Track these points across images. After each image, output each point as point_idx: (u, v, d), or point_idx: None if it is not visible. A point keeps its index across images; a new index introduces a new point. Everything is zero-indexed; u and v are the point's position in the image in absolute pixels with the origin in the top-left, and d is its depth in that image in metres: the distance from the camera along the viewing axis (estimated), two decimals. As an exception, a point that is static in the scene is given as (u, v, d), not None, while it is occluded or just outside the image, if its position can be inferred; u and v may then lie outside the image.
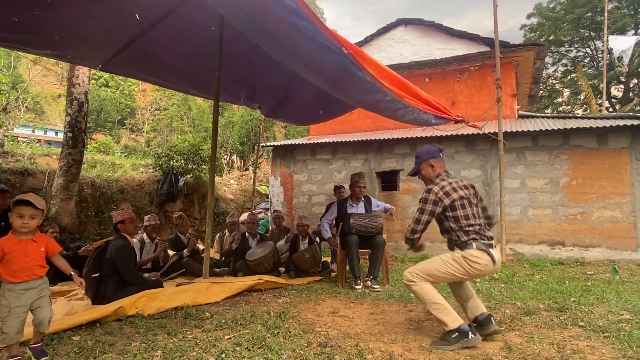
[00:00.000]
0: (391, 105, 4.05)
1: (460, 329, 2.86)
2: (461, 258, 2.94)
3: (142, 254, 5.46)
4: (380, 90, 3.66)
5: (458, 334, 2.84)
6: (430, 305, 2.97)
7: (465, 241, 2.97)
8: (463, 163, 8.57)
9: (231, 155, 20.51)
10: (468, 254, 2.92)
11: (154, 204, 9.63)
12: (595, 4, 24.14)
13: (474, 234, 2.98)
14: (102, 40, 4.74)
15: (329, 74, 3.80)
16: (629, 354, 2.64)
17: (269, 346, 2.82)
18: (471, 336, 2.85)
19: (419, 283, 3.00)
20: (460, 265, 2.94)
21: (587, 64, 27.72)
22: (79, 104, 7.20)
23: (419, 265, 3.10)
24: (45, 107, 41.89)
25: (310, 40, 3.12)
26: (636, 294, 4.42)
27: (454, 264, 2.95)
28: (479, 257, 2.92)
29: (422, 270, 3.03)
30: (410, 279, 3.03)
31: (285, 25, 3.05)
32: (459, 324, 2.87)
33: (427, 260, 3.15)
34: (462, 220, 3.01)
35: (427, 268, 3.03)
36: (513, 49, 9.53)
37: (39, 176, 7.62)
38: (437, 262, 3.02)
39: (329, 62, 3.42)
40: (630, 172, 7.38)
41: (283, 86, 5.87)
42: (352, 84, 3.72)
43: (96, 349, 2.82)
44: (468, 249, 2.94)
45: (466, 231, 2.99)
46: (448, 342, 2.85)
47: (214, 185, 5.63)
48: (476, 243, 2.94)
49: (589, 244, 7.51)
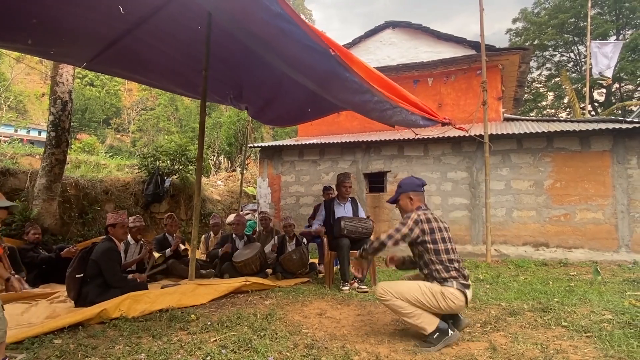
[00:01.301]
0: (379, 105, 4.07)
1: (440, 329, 2.89)
2: (439, 293, 2.91)
3: (127, 255, 5.37)
4: (368, 90, 3.67)
5: (439, 334, 2.88)
6: (405, 316, 2.97)
7: (445, 278, 2.95)
8: (449, 165, 8.65)
9: (218, 156, 20.40)
10: (448, 292, 2.91)
11: (139, 204, 9.51)
12: (578, 9, 24.65)
13: (454, 271, 2.98)
14: (87, 36, 4.65)
15: (316, 75, 3.81)
16: (610, 354, 2.69)
17: (255, 348, 2.80)
18: (451, 333, 2.89)
19: (390, 299, 2.99)
20: (436, 300, 2.91)
21: (570, 68, 28.27)
22: (62, 103, 7.08)
23: (394, 285, 3.06)
24: (29, 106, 41.18)
25: (296, 42, 3.13)
26: (617, 295, 4.50)
27: (431, 297, 2.92)
28: (457, 297, 2.92)
29: (396, 292, 2.99)
30: (383, 295, 3.02)
31: (271, 29, 3.05)
32: (437, 324, 2.90)
33: (403, 283, 3.11)
34: (442, 254, 2.99)
35: (401, 291, 2.99)
36: (499, 52, 9.66)
37: (21, 176, 7.46)
38: (414, 289, 2.97)
39: (316, 63, 3.42)
40: (612, 175, 7.53)
41: (271, 86, 5.86)
42: (340, 84, 3.73)
43: (78, 353, 2.76)
44: (448, 286, 2.93)
45: (446, 267, 2.98)
46: (431, 344, 2.87)
47: (201, 186, 5.58)
48: (456, 282, 2.94)
49: (572, 245, 7.64)
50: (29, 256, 5.27)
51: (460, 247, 8.31)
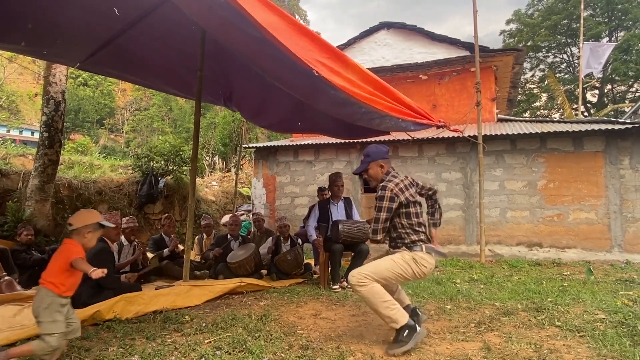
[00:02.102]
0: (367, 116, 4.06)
1: (408, 325, 2.86)
2: (411, 260, 2.95)
3: (120, 257, 5.34)
4: (355, 103, 3.64)
5: (408, 331, 2.84)
6: (381, 304, 2.89)
7: (414, 241, 2.99)
8: (444, 166, 8.68)
9: (213, 156, 20.35)
10: (418, 257, 2.95)
11: (133, 205, 9.46)
12: (571, 11, 24.85)
13: (422, 234, 3.03)
14: (80, 36, 4.61)
15: (301, 91, 3.83)
16: (603, 353, 2.71)
17: (250, 349, 2.79)
18: (419, 329, 2.88)
19: (368, 284, 2.91)
20: (410, 267, 2.95)
21: (563, 70, 28.49)
22: (55, 103, 7.03)
23: (369, 267, 3.02)
24: (21, 106, 40.85)
25: (279, 62, 3.10)
26: (610, 294, 4.54)
27: (405, 265, 2.95)
28: (427, 260, 2.96)
29: (374, 272, 2.94)
30: (360, 281, 2.92)
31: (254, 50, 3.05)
32: (407, 319, 2.88)
33: (376, 262, 3.07)
34: (413, 217, 3.03)
35: (378, 270, 2.96)
36: (493, 53, 9.71)
37: (14, 177, 7.40)
38: (388, 263, 2.98)
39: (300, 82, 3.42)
40: (604, 175, 7.59)
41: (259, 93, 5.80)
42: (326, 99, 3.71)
43: (72, 355, 2.75)
44: (417, 250, 2.97)
45: (416, 230, 3.02)
46: (403, 342, 2.82)
47: (195, 186, 5.56)
48: (425, 245, 2.99)
49: (565, 245, 7.69)
50: (21, 258, 5.22)
51: (455, 247, 8.34)
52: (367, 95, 3.56)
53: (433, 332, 3.24)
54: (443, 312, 3.86)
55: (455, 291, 4.76)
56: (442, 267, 6.81)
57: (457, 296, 4.50)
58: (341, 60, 3.36)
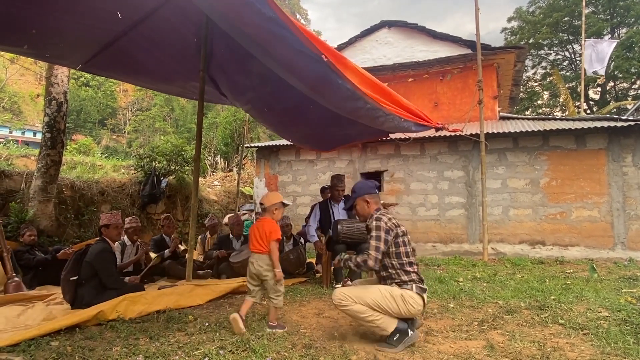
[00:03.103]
0: (371, 112, 4.05)
1: (399, 329, 2.86)
2: (399, 297, 2.88)
3: (123, 256, 5.36)
4: (361, 97, 3.65)
5: (399, 335, 2.86)
6: (364, 319, 2.90)
7: (405, 281, 2.93)
8: (446, 164, 8.67)
9: (215, 156, 20.35)
10: (408, 295, 2.89)
11: (135, 205, 9.47)
12: (572, 8, 24.76)
13: (414, 274, 2.96)
14: (82, 39, 4.63)
15: (308, 80, 3.81)
16: (607, 351, 2.71)
17: (253, 349, 2.79)
18: (410, 333, 2.88)
19: (349, 305, 2.90)
20: (396, 304, 2.88)
21: (565, 67, 28.40)
22: (57, 104, 7.04)
23: (353, 290, 2.99)
24: (23, 107, 40.96)
25: (288, 47, 3.11)
26: (613, 292, 4.53)
27: (391, 300, 2.88)
28: (416, 301, 2.90)
29: (356, 296, 2.91)
30: (342, 301, 2.92)
31: (264, 32, 3.04)
32: (395, 325, 2.88)
33: (363, 287, 3.05)
34: (403, 256, 2.96)
35: (361, 295, 2.91)
36: (494, 51, 9.69)
37: (16, 178, 7.41)
38: (375, 293, 2.92)
39: (308, 68, 3.41)
40: (607, 173, 7.57)
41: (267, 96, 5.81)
42: (332, 90, 3.72)
43: (75, 355, 2.75)
44: (407, 289, 2.91)
45: (407, 271, 2.95)
46: (392, 345, 2.84)
47: (198, 186, 5.56)
48: (415, 285, 2.93)
49: (568, 243, 7.68)
50: (24, 258, 5.24)
51: (457, 245, 8.34)
52: (371, 93, 3.57)
53: (436, 331, 3.24)
54: (446, 311, 3.86)
55: (458, 290, 4.76)
56: (445, 266, 6.80)
57: (460, 295, 4.50)
58: (340, 63, 3.36)
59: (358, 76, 3.56)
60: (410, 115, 4.32)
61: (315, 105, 4.55)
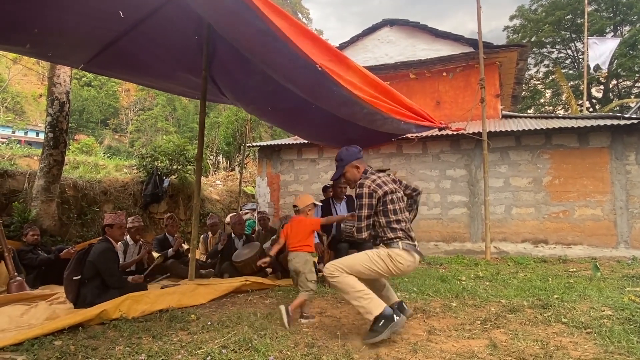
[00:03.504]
0: (369, 116, 4.05)
1: (385, 315, 2.86)
2: (387, 256, 2.96)
3: (126, 256, 5.37)
4: (357, 102, 3.63)
5: (384, 321, 2.84)
6: (354, 295, 2.94)
7: (391, 238, 2.99)
8: (448, 163, 8.65)
9: (217, 155, 20.39)
10: (394, 253, 2.95)
11: (138, 205, 9.50)
12: (575, 6, 24.67)
13: (400, 231, 3.01)
14: (84, 38, 4.63)
15: (303, 86, 3.82)
16: (610, 350, 2.69)
17: (256, 348, 2.79)
18: (396, 318, 2.87)
19: (339, 275, 2.98)
20: (385, 263, 2.96)
21: (568, 65, 28.31)
22: (60, 103, 7.06)
23: (343, 260, 3.09)
24: (26, 107, 41.07)
25: (282, 56, 3.12)
26: (617, 291, 4.51)
27: (379, 261, 2.97)
28: (404, 257, 2.95)
29: (347, 266, 3.01)
30: (333, 272, 3.01)
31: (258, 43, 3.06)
32: (382, 309, 2.88)
33: (352, 256, 3.15)
34: (390, 214, 3.02)
35: (351, 264, 3.02)
36: (496, 49, 9.66)
37: (19, 178, 7.44)
38: (363, 258, 3.03)
39: (303, 77, 3.43)
40: (610, 171, 7.55)
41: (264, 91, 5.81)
42: (327, 96, 3.72)
43: (79, 354, 2.76)
44: (394, 247, 2.97)
45: (393, 228, 3.01)
46: (377, 332, 2.84)
47: (200, 186, 5.57)
48: (402, 242, 2.97)
49: (571, 242, 7.65)
50: (27, 258, 5.25)
51: (460, 244, 8.32)
52: (369, 97, 3.55)
53: (439, 330, 3.23)
54: (449, 310, 3.85)
55: (460, 288, 4.75)
56: (447, 265, 6.79)
57: (463, 293, 4.49)
58: (342, 63, 3.36)
59: (360, 75, 3.54)
60: (412, 115, 4.29)
61: (317, 106, 4.55)
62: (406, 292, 4.69)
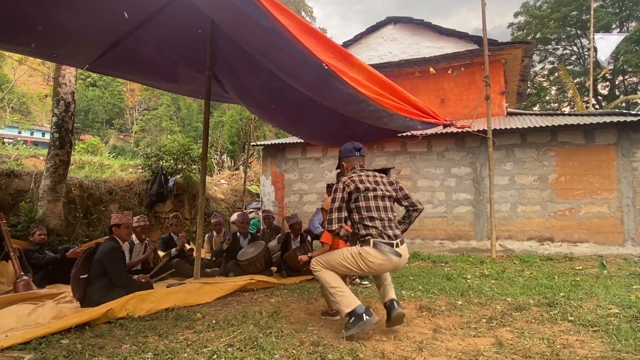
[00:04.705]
0: (375, 114, 4.04)
1: (355, 313, 2.93)
2: (357, 254, 3.02)
3: (132, 255, 5.39)
4: (363, 100, 3.63)
5: (354, 319, 2.93)
6: (329, 290, 3.09)
7: (363, 236, 3.04)
8: (453, 160, 8.62)
9: (221, 154, 20.44)
10: (364, 251, 2.99)
11: (143, 204, 9.54)
12: (580, 2, 24.49)
13: (373, 229, 3.02)
14: (89, 38, 4.65)
15: (309, 84, 3.83)
16: (617, 348, 2.68)
17: (262, 346, 2.80)
18: (366, 318, 2.92)
19: (320, 270, 3.16)
20: (355, 260, 3.02)
21: (573, 62, 28.12)
22: (65, 104, 7.10)
23: (324, 255, 3.27)
24: (32, 107, 41.35)
25: (288, 55, 3.14)
26: (624, 289, 4.48)
27: (350, 258, 3.04)
28: (374, 255, 2.97)
29: (325, 261, 3.18)
30: (314, 266, 3.23)
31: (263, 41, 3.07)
32: (354, 307, 2.95)
33: (331, 252, 3.33)
34: (363, 211, 3.06)
35: (328, 259, 3.18)
36: (501, 47, 9.61)
37: (26, 178, 7.49)
38: (338, 254, 3.13)
39: (309, 75, 3.44)
40: (616, 168, 7.49)
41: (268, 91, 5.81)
42: (333, 94, 3.71)
43: (86, 352, 2.77)
44: (365, 245, 3.01)
45: (366, 225, 3.04)
46: (347, 328, 2.95)
47: (205, 185, 5.58)
48: (374, 240, 2.99)
49: (577, 240, 7.61)
50: (34, 257, 5.29)
51: (465, 242, 8.30)
52: (374, 95, 3.54)
53: (444, 328, 3.23)
54: (454, 308, 3.85)
55: (466, 287, 4.74)
56: (453, 263, 6.78)
57: (468, 292, 4.48)
58: (347, 60, 3.35)
59: (364, 73, 3.53)
60: (417, 113, 4.27)
61: (321, 103, 4.55)
62: (411, 290, 4.68)
